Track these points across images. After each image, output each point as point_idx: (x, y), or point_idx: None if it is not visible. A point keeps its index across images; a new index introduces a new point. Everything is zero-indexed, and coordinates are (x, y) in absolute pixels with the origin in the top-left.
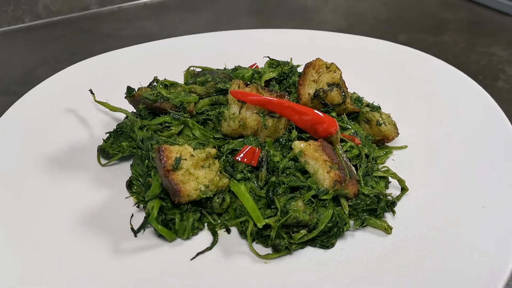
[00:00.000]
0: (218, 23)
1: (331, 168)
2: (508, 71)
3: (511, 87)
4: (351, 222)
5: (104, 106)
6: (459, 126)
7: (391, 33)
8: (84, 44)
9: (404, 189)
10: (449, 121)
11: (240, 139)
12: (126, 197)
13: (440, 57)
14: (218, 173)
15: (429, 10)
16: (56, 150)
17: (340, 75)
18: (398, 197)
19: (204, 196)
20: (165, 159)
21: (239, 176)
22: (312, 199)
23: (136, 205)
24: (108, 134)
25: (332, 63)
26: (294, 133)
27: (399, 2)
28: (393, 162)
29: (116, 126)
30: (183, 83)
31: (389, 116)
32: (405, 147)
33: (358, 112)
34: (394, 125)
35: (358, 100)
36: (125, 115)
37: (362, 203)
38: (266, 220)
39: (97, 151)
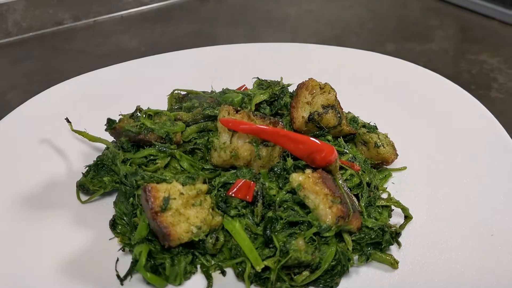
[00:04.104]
0: (199, 36)
1: (333, 202)
2: (500, 79)
3: (505, 97)
4: (355, 257)
5: (82, 135)
6: (458, 143)
7: (378, 42)
8: (58, 63)
9: (408, 218)
10: (447, 138)
11: (232, 171)
12: (110, 239)
13: (430, 67)
14: (210, 210)
15: (413, 17)
16: (30, 186)
17: (335, 96)
18: (402, 226)
19: (196, 239)
20: (152, 199)
21: (233, 212)
22: (313, 237)
23: (122, 249)
24: (87, 168)
25: (326, 83)
26: (290, 161)
27: (383, 10)
28: (393, 186)
29: (96, 158)
30: (167, 108)
31: (387, 137)
32: (404, 168)
33: (354, 134)
34: (393, 146)
35: (354, 120)
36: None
37: (366, 237)
38: (265, 262)
39: (76, 187)
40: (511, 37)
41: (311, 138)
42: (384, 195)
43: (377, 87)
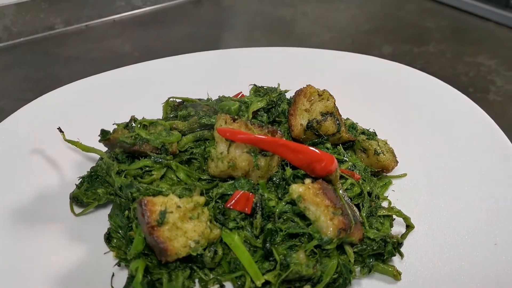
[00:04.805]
0: (193, 40)
1: (334, 214)
2: (498, 82)
3: (503, 100)
4: (357, 269)
5: (75, 146)
6: (457, 148)
7: (375, 45)
8: (50, 69)
9: (409, 227)
10: (446, 143)
11: (230, 182)
12: (105, 253)
13: (427, 70)
14: (208, 223)
15: (410, 19)
16: (22, 198)
17: (334, 103)
18: (404, 236)
19: (194, 254)
20: (148, 213)
21: (231, 224)
22: (314, 249)
23: (118, 264)
24: (81, 179)
25: (324, 90)
26: (289, 171)
27: (379, 11)
28: (394, 194)
29: (90, 169)
30: (162, 116)
31: (386, 143)
32: (404, 175)
33: (353, 141)
34: (392, 152)
35: (353, 127)
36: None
37: (368, 248)
38: (265, 277)
39: (70, 199)
40: (508, 39)
41: (311, 148)
42: (385, 204)
43: (375, 91)
